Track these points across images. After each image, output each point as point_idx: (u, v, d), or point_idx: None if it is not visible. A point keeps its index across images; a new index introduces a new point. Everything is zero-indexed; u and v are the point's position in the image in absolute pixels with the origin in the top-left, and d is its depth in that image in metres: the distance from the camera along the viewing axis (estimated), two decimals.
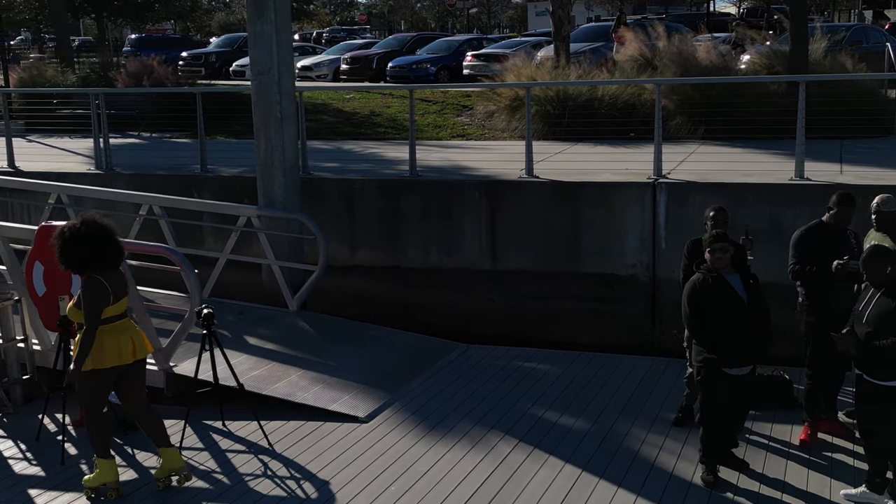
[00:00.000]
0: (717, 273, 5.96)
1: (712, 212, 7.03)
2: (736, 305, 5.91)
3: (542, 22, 62.63)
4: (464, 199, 10.78)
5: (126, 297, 6.23)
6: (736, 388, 5.99)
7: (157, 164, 13.32)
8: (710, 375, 5.99)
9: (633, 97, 14.72)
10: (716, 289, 5.94)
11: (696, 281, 6.03)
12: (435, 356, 8.99)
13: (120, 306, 6.13)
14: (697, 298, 5.97)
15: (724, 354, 5.90)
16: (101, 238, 6.04)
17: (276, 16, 9.90)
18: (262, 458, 6.74)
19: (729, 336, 5.88)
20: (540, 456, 6.63)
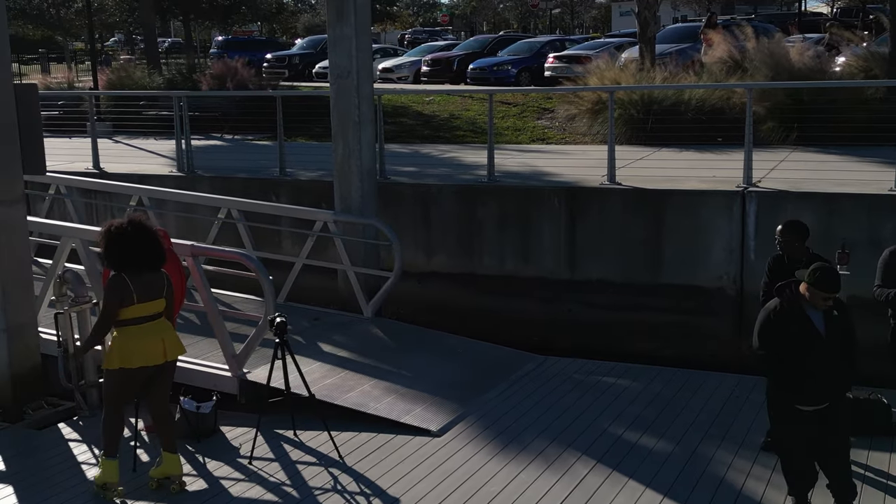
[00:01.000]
0: (799, 304, 5.33)
1: (782, 228, 6.54)
2: (812, 340, 5.28)
3: (626, 22, 61.59)
4: (543, 205, 10.53)
5: (161, 300, 6.21)
6: (814, 426, 5.40)
7: (237, 167, 13.43)
8: (783, 413, 5.46)
9: (721, 101, 14.24)
10: (792, 320, 5.33)
11: (773, 307, 5.41)
12: (510, 368, 8.75)
13: (150, 307, 6.15)
14: (770, 329, 5.37)
15: (795, 391, 5.33)
16: (137, 239, 6.12)
17: (356, 19, 9.82)
18: (332, 472, 6.61)
19: (801, 372, 5.28)
20: (619, 479, 6.33)
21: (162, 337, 6.21)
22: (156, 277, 6.23)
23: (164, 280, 6.28)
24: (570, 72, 25.00)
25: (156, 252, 6.23)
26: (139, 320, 6.12)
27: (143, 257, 6.16)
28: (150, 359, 6.16)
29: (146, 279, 6.16)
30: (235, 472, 6.64)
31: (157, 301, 6.21)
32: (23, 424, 7.68)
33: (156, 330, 6.20)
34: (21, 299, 7.83)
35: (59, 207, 12.20)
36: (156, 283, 6.21)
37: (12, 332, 7.74)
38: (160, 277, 6.27)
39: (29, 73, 40.74)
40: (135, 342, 6.11)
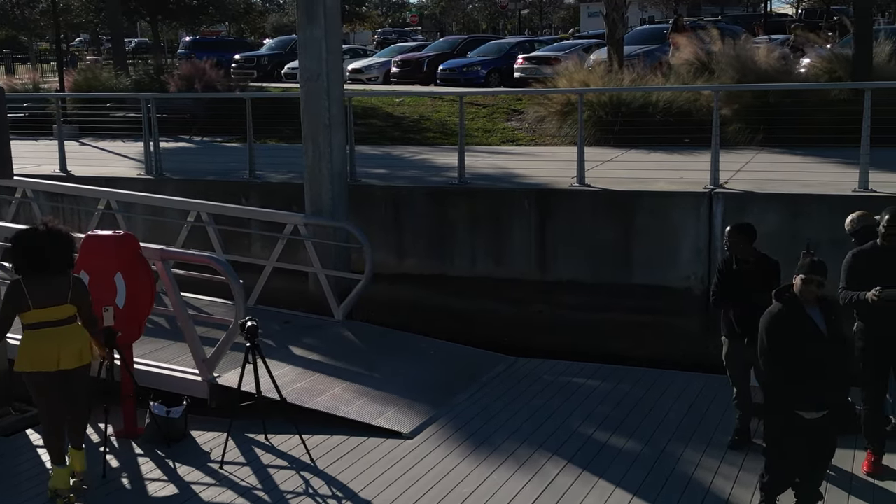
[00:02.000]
0: (799, 303, 5.38)
1: (730, 229, 6.74)
2: (816, 341, 5.32)
3: (594, 23, 61.89)
4: (513, 207, 10.58)
5: (65, 306, 6.10)
6: (810, 433, 5.41)
7: (207, 170, 13.36)
8: (782, 417, 5.43)
9: (688, 103, 14.40)
10: (796, 321, 5.35)
11: (776, 311, 5.41)
12: (481, 369, 8.79)
13: (49, 313, 6.06)
14: (777, 331, 5.35)
15: (801, 396, 5.30)
16: (40, 245, 6.09)
17: (326, 22, 9.80)
18: (303, 475, 6.61)
19: (807, 376, 5.27)
20: (589, 479, 6.39)
21: (59, 344, 6.08)
22: (59, 282, 6.13)
23: (69, 286, 6.16)
24: (539, 73, 25.10)
25: (59, 257, 6.16)
26: (36, 325, 6.05)
27: (43, 263, 6.08)
28: (44, 364, 6.05)
29: (49, 283, 6.08)
30: (206, 477, 6.62)
31: (58, 307, 6.10)
32: None
33: (53, 336, 6.08)
34: None
35: (26, 212, 12.04)
36: (59, 289, 6.12)
37: None
38: (64, 283, 6.16)
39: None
40: (31, 346, 6.08)
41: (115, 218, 10.91)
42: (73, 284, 6.22)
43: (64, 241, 6.26)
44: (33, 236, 6.20)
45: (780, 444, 5.51)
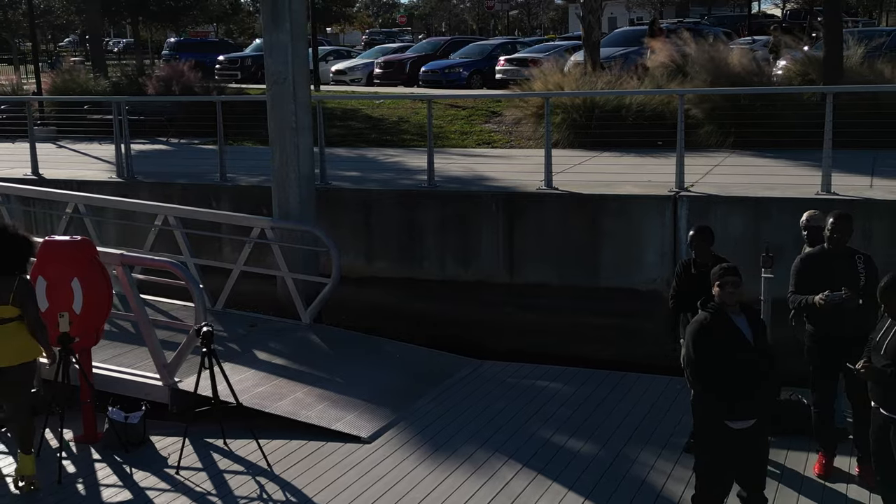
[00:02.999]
0: (724, 312, 5.34)
1: (693, 233, 6.75)
2: (743, 350, 5.27)
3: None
4: (481, 210, 10.61)
5: (6, 307, 6.23)
6: (739, 443, 5.33)
7: (179, 172, 13.34)
8: (710, 428, 5.39)
9: (661, 105, 14.43)
10: (722, 330, 5.31)
11: (702, 320, 5.38)
12: (445, 373, 8.81)
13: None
14: (703, 340, 5.29)
15: (730, 405, 5.24)
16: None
17: (291, 26, 9.82)
18: (259, 480, 6.62)
19: (734, 385, 5.23)
20: (543, 482, 6.42)
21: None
22: (4, 283, 6.24)
23: (12, 287, 6.25)
24: (519, 75, 25.08)
25: (4, 258, 6.28)
26: None
27: None
28: None
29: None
30: (162, 483, 6.62)
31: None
32: None
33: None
34: None
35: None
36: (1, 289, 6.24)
37: None
38: (8, 284, 6.25)
39: None
40: None
41: (84, 222, 10.87)
42: (16, 286, 6.27)
43: (10, 242, 6.31)
44: None
45: (710, 456, 5.44)
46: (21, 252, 6.46)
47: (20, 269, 6.44)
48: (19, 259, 6.44)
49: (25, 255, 6.52)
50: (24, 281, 6.42)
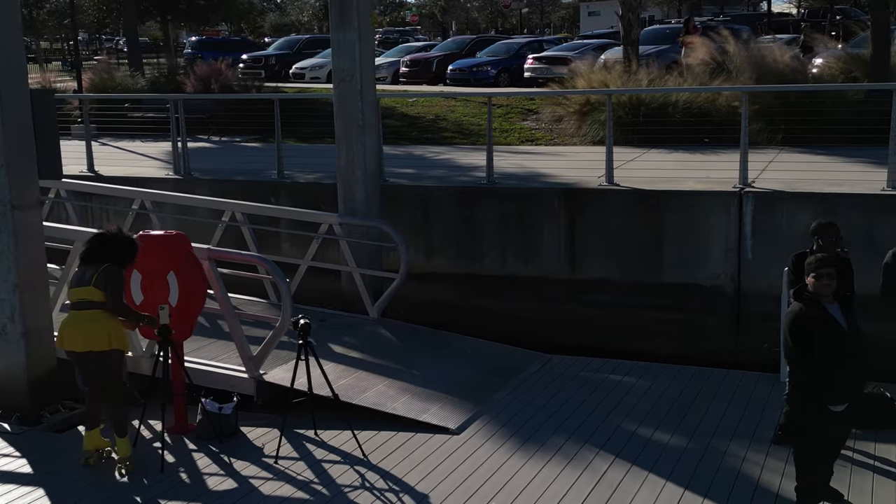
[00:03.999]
0: (818, 301, 5.49)
1: (818, 226, 6.74)
2: (839, 338, 5.43)
3: (594, 22, 61.96)
4: (542, 206, 10.72)
5: (76, 290, 6.67)
6: (839, 425, 5.55)
7: (232, 170, 13.50)
8: (812, 414, 5.51)
9: (706, 103, 14.53)
10: (817, 319, 5.45)
11: (797, 311, 5.53)
12: (517, 367, 8.93)
13: (72, 295, 6.76)
14: (801, 329, 5.45)
15: (829, 390, 5.41)
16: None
17: (359, 24, 9.95)
18: (357, 470, 6.73)
19: (832, 371, 5.39)
20: (639, 474, 6.53)
21: (68, 324, 6.74)
22: (83, 270, 6.72)
23: (97, 270, 6.62)
24: (550, 73, 25.23)
25: (87, 251, 6.82)
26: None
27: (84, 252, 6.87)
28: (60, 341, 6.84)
29: (80, 270, 6.77)
30: (263, 472, 6.74)
31: (74, 290, 6.72)
32: (41, 427, 7.71)
33: (69, 317, 6.77)
34: (38, 303, 7.87)
35: (57, 212, 12.17)
36: (79, 276, 6.73)
37: (30, 336, 7.77)
38: (94, 268, 6.65)
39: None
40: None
41: (150, 218, 11.00)
42: (101, 269, 6.63)
43: (95, 239, 6.88)
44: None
45: (812, 442, 5.60)
46: (110, 248, 6.69)
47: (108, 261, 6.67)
48: (109, 254, 6.68)
49: (116, 251, 6.68)
50: (110, 267, 6.64)
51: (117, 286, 6.61)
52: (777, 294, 9.38)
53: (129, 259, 6.80)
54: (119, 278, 6.66)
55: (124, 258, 6.74)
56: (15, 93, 7.53)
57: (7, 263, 7.63)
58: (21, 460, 7.01)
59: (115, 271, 6.63)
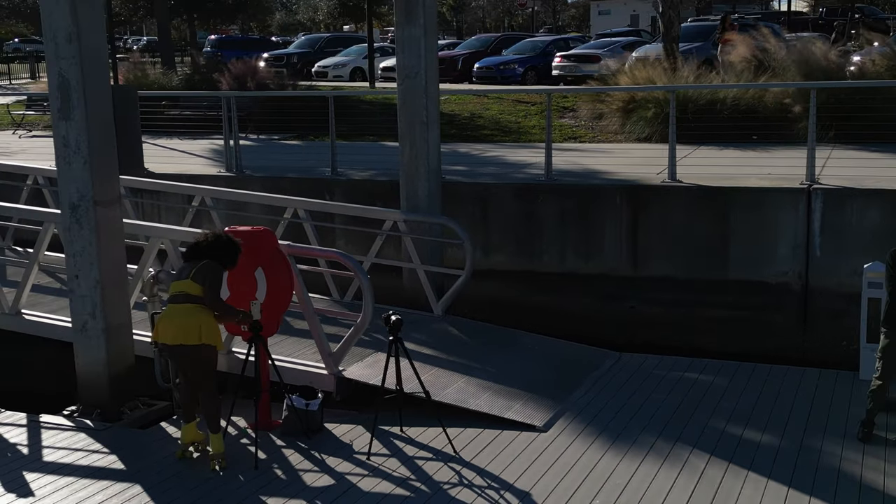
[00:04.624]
0: None
1: None
2: None
3: (604, 21, 61.78)
4: (604, 203, 10.66)
5: (175, 283, 6.75)
6: None
7: (282, 167, 13.47)
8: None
9: (753, 99, 14.48)
10: None
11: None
12: (590, 364, 8.89)
13: (172, 288, 6.81)
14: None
15: None
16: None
17: (425, 20, 9.91)
18: (452, 467, 6.70)
19: None
20: (738, 471, 6.48)
21: (165, 317, 6.80)
22: (189, 267, 6.78)
23: (196, 265, 6.71)
24: (579, 70, 25.22)
25: (190, 250, 6.95)
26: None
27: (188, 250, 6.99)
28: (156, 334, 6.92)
29: (186, 266, 6.83)
30: (357, 469, 6.71)
31: (174, 283, 6.80)
32: (122, 424, 7.69)
33: (168, 310, 6.82)
34: (117, 300, 7.84)
35: None
36: (182, 271, 6.84)
37: (110, 332, 7.75)
38: (188, 268, 6.76)
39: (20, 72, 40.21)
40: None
41: (210, 215, 10.98)
42: (201, 265, 6.69)
43: (199, 238, 6.97)
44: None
45: None
46: (214, 248, 6.74)
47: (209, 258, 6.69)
48: (212, 252, 6.72)
49: (219, 251, 6.69)
50: (209, 263, 6.64)
51: (215, 282, 6.60)
52: (847, 291, 9.42)
53: (231, 260, 6.79)
54: (218, 275, 6.64)
55: (225, 258, 6.73)
56: (99, 90, 7.50)
57: (89, 260, 7.60)
58: (111, 456, 6.99)
59: (214, 267, 6.62)
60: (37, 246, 8.97)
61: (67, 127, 7.45)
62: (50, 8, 7.32)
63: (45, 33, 7.46)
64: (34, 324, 8.98)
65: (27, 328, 8.95)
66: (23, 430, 7.54)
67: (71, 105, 7.39)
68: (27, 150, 16.87)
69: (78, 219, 7.56)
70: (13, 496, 6.33)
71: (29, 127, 20.40)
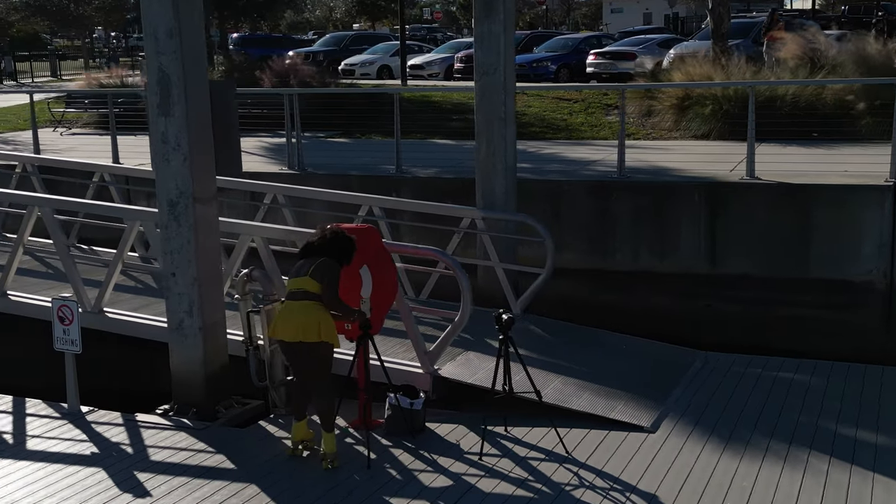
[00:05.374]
0: None
1: None
2: None
3: (616, 19, 61.56)
4: (680, 200, 10.56)
5: (294, 280, 6.59)
6: None
7: (341, 164, 13.39)
8: None
9: (813, 97, 14.35)
10: None
11: None
12: (680, 364, 8.78)
13: (289, 285, 6.69)
14: None
15: None
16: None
17: (504, 16, 9.80)
18: (568, 468, 6.58)
19: None
20: (864, 474, 6.35)
21: (281, 312, 6.70)
22: (306, 263, 6.65)
23: (315, 262, 6.58)
24: (614, 68, 25.10)
25: (307, 246, 6.78)
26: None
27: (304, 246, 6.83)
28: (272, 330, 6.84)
29: (302, 262, 6.68)
30: (472, 469, 6.60)
31: (293, 280, 6.64)
32: (219, 423, 7.60)
33: (285, 306, 6.68)
34: (213, 297, 7.76)
35: None
36: (300, 267, 6.66)
37: (207, 330, 7.66)
38: (306, 264, 6.64)
39: (39, 71, 40.24)
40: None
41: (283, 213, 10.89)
42: (319, 261, 6.58)
43: (316, 235, 6.83)
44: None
45: None
46: (331, 245, 6.64)
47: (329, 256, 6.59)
48: (329, 250, 6.63)
49: (336, 248, 6.61)
50: (327, 260, 6.55)
51: (333, 280, 6.50)
52: None
53: (348, 257, 6.70)
54: (335, 272, 6.55)
55: (342, 256, 6.65)
56: (198, 86, 7.41)
57: (187, 257, 7.51)
58: (218, 455, 6.89)
59: (332, 265, 6.53)
60: (121, 245, 8.87)
61: (167, 123, 7.35)
62: (150, 2, 7.22)
63: (144, 29, 7.36)
64: (120, 322, 8.88)
65: (112, 327, 8.86)
66: (121, 429, 7.45)
67: (171, 101, 7.30)
68: (75, 147, 16.83)
69: (176, 216, 7.46)
70: (130, 496, 6.25)
71: (68, 124, 20.34)
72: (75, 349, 7.52)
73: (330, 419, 6.64)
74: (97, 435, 7.31)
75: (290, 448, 6.87)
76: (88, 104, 20.53)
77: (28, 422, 7.63)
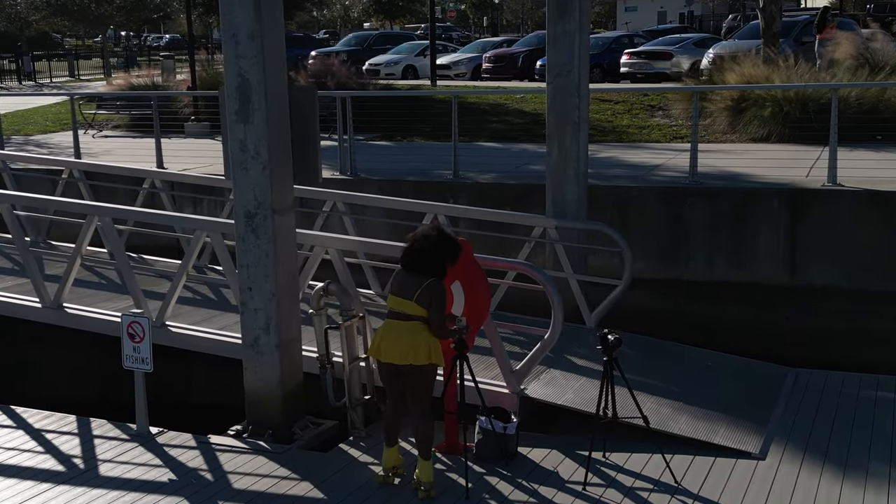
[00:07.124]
0: None
1: None
2: None
3: (631, 17, 60.99)
4: (759, 208, 10.12)
5: (399, 299, 6.10)
6: None
7: (392, 169, 13.01)
8: None
9: (875, 99, 13.90)
10: None
11: None
12: (773, 382, 8.34)
13: (392, 303, 6.19)
14: None
15: None
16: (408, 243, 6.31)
17: (579, 15, 9.38)
18: (681, 499, 6.17)
19: None
20: None
21: (382, 334, 6.24)
22: (412, 278, 6.12)
23: (421, 284, 6.05)
24: (650, 68, 24.71)
25: (407, 256, 6.22)
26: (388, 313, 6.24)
27: (404, 257, 6.26)
28: (373, 349, 6.40)
29: (406, 277, 6.18)
30: (579, 500, 6.18)
31: (396, 299, 6.14)
32: (297, 446, 7.19)
33: (386, 325, 6.24)
34: (291, 313, 7.35)
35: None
36: (406, 284, 6.13)
37: (284, 348, 7.25)
38: (412, 280, 6.12)
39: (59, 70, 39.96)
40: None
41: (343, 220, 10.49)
42: (426, 284, 6.06)
43: (415, 243, 6.25)
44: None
45: None
46: (437, 252, 6.13)
47: (437, 273, 6.09)
48: (436, 259, 6.12)
49: (445, 259, 6.16)
50: (436, 282, 6.08)
51: (440, 303, 6.05)
52: None
53: (453, 258, 6.26)
54: (443, 295, 6.10)
55: (448, 256, 6.22)
56: (278, 92, 7.00)
57: (265, 271, 7.10)
58: (304, 483, 6.47)
59: (440, 287, 6.06)
60: (186, 257, 8.48)
61: (246, 130, 6.95)
62: (231, 4, 6.82)
63: (223, 31, 6.96)
64: (187, 338, 8.47)
65: (177, 342, 8.45)
66: (195, 452, 7.04)
67: (251, 108, 6.89)
68: (111, 151, 16.46)
69: (254, 228, 7.06)
70: None
71: (99, 126, 20.00)
72: (146, 367, 7.13)
73: (429, 446, 6.24)
74: (172, 459, 6.91)
75: (381, 476, 6.45)
76: (120, 106, 20.19)
77: (97, 444, 7.22)
